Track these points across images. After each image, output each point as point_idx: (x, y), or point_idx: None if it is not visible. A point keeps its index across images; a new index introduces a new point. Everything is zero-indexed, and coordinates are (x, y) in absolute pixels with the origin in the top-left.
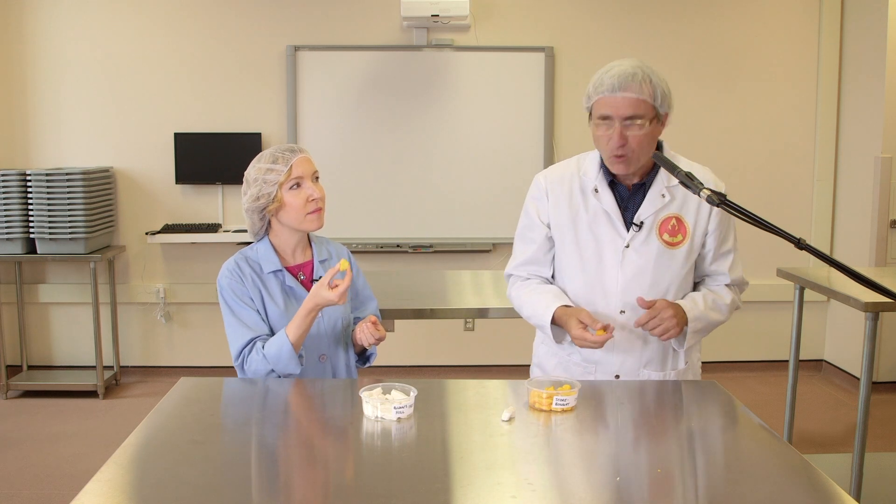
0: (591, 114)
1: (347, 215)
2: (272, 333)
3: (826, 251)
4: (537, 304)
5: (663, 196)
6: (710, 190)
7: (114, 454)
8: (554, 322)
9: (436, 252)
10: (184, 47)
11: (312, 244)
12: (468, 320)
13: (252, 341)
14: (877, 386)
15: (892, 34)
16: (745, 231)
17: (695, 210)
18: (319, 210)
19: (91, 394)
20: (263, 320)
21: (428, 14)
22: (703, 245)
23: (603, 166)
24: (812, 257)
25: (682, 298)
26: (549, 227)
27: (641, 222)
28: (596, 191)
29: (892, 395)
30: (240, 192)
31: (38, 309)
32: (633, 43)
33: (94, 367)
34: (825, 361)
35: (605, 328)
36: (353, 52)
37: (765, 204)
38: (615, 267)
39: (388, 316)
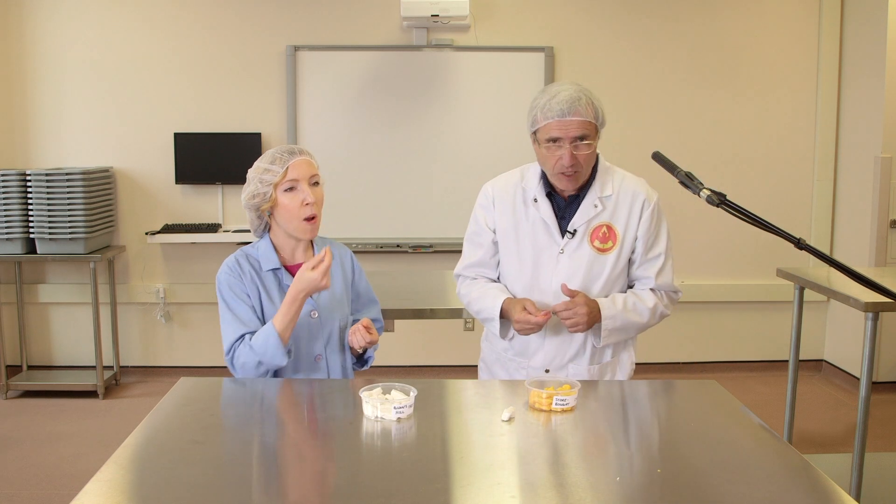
0: (535, 137)
1: (347, 215)
2: None
3: (826, 251)
4: (485, 300)
5: (596, 206)
6: (711, 190)
7: (114, 454)
8: (502, 316)
9: (436, 252)
10: (184, 47)
11: (314, 244)
12: (468, 320)
13: (241, 338)
14: (877, 386)
15: (892, 34)
16: (745, 231)
17: (625, 219)
18: (314, 218)
19: (91, 394)
20: (259, 317)
21: (428, 14)
22: (633, 251)
23: (543, 178)
24: (812, 257)
25: (604, 297)
26: (494, 232)
27: (575, 230)
28: (535, 201)
29: (892, 395)
30: (238, 192)
31: (38, 309)
32: (632, 43)
33: (93, 367)
34: (825, 361)
35: (545, 314)
36: (353, 52)
37: (765, 204)
38: (550, 271)
39: (388, 316)
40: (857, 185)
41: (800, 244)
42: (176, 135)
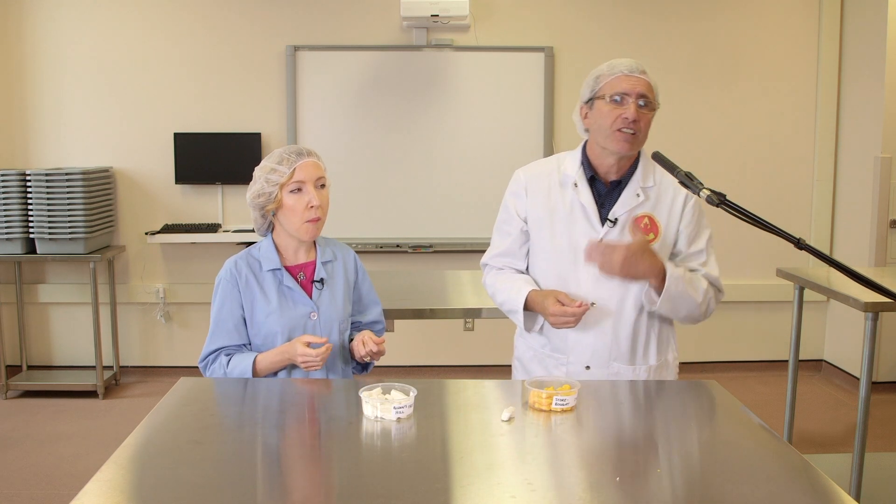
0: (592, 102)
1: (347, 215)
2: (248, 342)
3: (826, 251)
4: (510, 290)
5: (638, 195)
6: (710, 190)
7: (113, 454)
8: (527, 308)
9: (436, 252)
10: (184, 47)
11: (317, 245)
12: (468, 320)
13: (219, 350)
14: (877, 386)
15: (892, 34)
16: (745, 231)
17: (667, 211)
18: (317, 220)
19: (91, 394)
20: (244, 325)
21: (428, 14)
22: (675, 244)
23: (583, 163)
24: (812, 257)
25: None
26: (525, 221)
27: (616, 219)
28: (575, 185)
29: (892, 395)
30: (238, 192)
31: (37, 309)
32: (632, 43)
33: (93, 367)
34: (825, 361)
35: (582, 305)
36: (353, 52)
37: (765, 204)
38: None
39: (388, 316)
40: (856, 185)
41: (800, 244)
42: (176, 135)
